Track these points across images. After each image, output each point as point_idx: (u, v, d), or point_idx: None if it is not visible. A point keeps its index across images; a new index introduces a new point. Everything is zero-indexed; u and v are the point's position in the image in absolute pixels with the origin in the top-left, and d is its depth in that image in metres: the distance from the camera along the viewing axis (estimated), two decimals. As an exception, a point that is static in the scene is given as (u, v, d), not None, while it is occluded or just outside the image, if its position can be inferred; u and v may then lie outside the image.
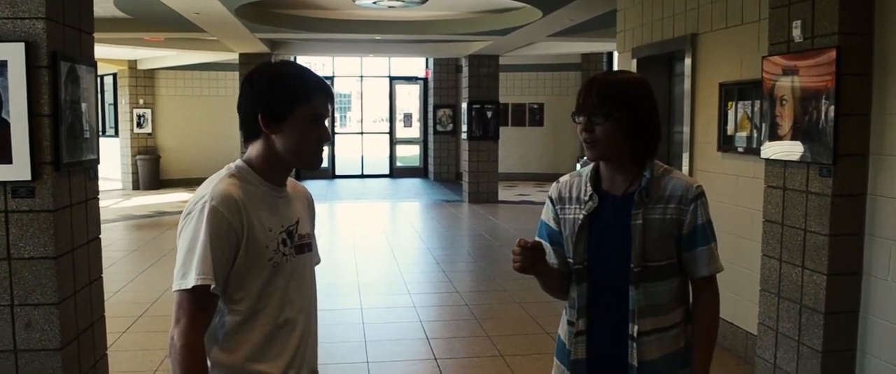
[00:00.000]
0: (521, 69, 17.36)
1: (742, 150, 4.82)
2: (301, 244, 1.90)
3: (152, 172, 15.88)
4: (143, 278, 7.36)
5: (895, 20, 3.45)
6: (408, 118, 19.73)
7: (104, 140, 14.48)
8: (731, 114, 4.94)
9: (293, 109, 1.80)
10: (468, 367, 4.86)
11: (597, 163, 2.08)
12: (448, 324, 5.87)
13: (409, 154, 19.81)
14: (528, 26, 9.96)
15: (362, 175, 18.91)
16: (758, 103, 4.48)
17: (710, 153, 5.21)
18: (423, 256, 8.91)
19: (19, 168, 2.97)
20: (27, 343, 3.06)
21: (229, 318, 1.79)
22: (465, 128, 14.03)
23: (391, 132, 19.23)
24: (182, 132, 16.38)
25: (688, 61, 5.45)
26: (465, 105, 14.04)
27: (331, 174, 18.47)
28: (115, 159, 15.84)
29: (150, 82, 16.14)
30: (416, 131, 19.57)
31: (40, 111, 3.00)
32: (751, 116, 4.72)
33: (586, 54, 16.47)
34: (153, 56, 14.99)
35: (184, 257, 1.72)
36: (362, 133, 19.77)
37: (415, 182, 17.87)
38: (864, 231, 3.64)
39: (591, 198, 2.04)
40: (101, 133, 11.85)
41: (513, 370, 4.74)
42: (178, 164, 16.37)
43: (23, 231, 3.01)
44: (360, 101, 20.74)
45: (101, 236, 3.59)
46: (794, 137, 3.84)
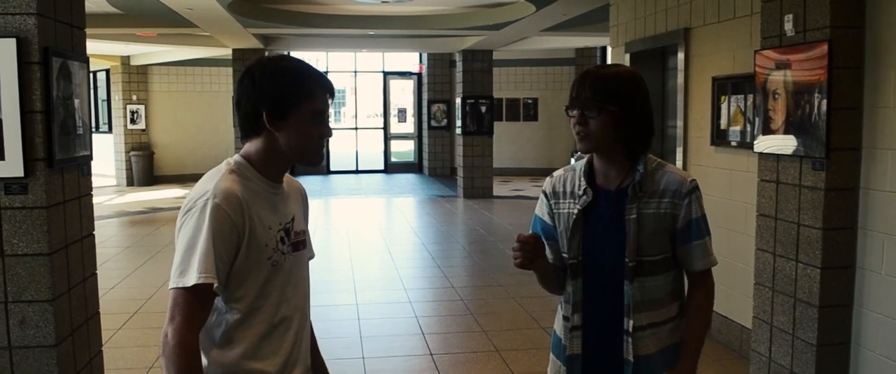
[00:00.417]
0: (514, 64, 17.35)
1: (735, 144, 4.83)
2: (297, 242, 1.90)
3: (146, 168, 15.85)
4: (138, 275, 7.34)
5: (886, 13, 3.46)
6: (402, 113, 19.72)
7: (97, 136, 14.46)
8: (724, 108, 4.96)
9: (297, 105, 1.78)
10: (464, 362, 4.87)
11: (591, 157, 2.08)
12: (444, 319, 5.88)
13: (404, 149, 19.80)
14: (522, 21, 9.96)
15: (357, 171, 18.91)
16: (751, 97, 4.49)
17: (704, 148, 5.23)
18: (418, 251, 8.91)
19: (12, 165, 2.96)
20: (21, 340, 3.05)
21: (228, 316, 1.78)
22: (459, 123, 14.02)
23: (385, 127, 19.22)
24: (176, 128, 16.34)
25: (681, 56, 5.46)
26: (459, 100, 14.03)
27: (325, 170, 18.44)
28: (108, 156, 15.80)
29: (143, 78, 16.09)
30: (410, 127, 19.56)
31: (32, 107, 2.99)
32: (744, 110, 4.73)
33: (580, 49, 16.48)
34: (146, 52, 14.94)
35: (183, 254, 1.68)
36: (357, 129, 19.76)
37: (409, 177, 17.86)
38: (857, 225, 3.65)
39: (584, 192, 2.05)
40: (94, 129, 11.83)
41: (508, 365, 4.75)
42: (171, 160, 16.33)
43: (16, 228, 3.00)
44: (354, 96, 20.74)
45: (94, 233, 3.59)
46: (786, 130, 3.84)
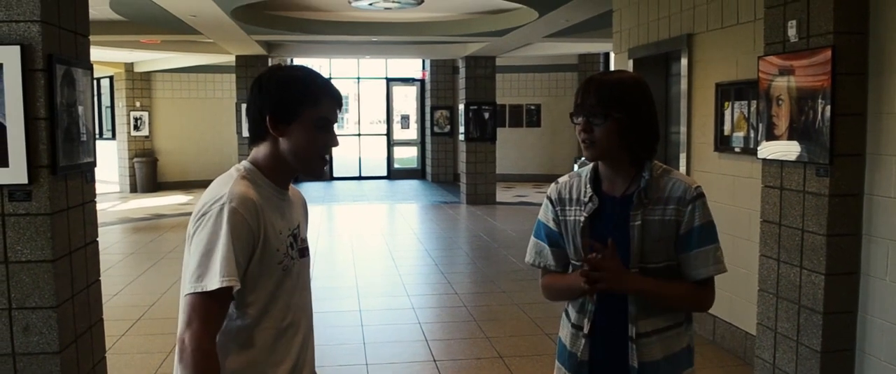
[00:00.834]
0: (517, 70, 17.36)
1: (739, 150, 4.83)
2: (303, 248, 1.92)
3: (149, 174, 15.87)
4: (141, 281, 7.34)
5: (890, 19, 3.45)
6: (405, 120, 19.73)
7: (101, 143, 14.47)
8: (727, 114, 4.95)
9: (301, 111, 1.78)
10: (467, 369, 4.85)
11: (596, 164, 2.07)
12: (447, 326, 5.86)
13: (407, 156, 19.81)
14: (525, 27, 9.97)
15: (360, 177, 18.91)
16: (754, 103, 4.49)
17: (707, 154, 5.22)
18: (421, 257, 8.90)
19: (16, 172, 2.97)
20: (25, 347, 3.05)
21: (238, 321, 1.78)
22: (462, 129, 14.03)
23: (389, 134, 19.24)
24: (179, 135, 16.36)
25: (684, 62, 5.46)
26: (462, 106, 14.04)
27: (328, 176, 18.46)
28: (112, 162, 15.82)
29: (146, 85, 16.12)
30: (413, 133, 19.57)
31: (36, 114, 2.99)
32: (747, 116, 4.72)
33: (583, 55, 16.49)
34: (150, 58, 14.98)
35: (200, 259, 1.67)
36: (360, 135, 19.76)
37: (412, 184, 17.87)
38: (861, 231, 3.64)
39: (590, 199, 2.04)
40: (98, 136, 11.84)
41: (512, 372, 4.73)
42: (175, 166, 16.35)
43: (20, 235, 3.01)
44: (358, 103, 20.73)
45: (98, 239, 3.59)
46: (790, 137, 3.84)
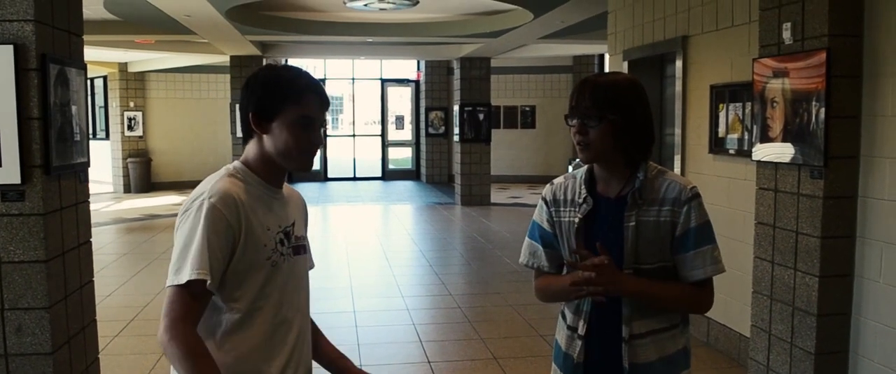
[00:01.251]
0: (512, 71, 17.37)
1: (733, 152, 4.83)
2: (297, 246, 1.92)
3: (143, 175, 15.82)
4: (135, 282, 7.32)
5: (885, 22, 3.47)
6: (400, 121, 19.72)
7: (95, 143, 14.43)
8: (722, 116, 4.96)
9: (282, 108, 1.79)
10: (461, 370, 4.85)
11: (591, 165, 2.07)
12: (441, 327, 5.86)
13: (402, 157, 19.79)
14: (520, 28, 9.98)
15: (354, 178, 18.89)
16: (749, 105, 4.50)
17: (702, 155, 5.23)
18: (415, 258, 8.89)
19: (9, 171, 2.95)
20: (18, 348, 3.04)
21: (227, 316, 1.78)
22: (457, 130, 14.04)
23: (383, 135, 19.22)
24: (173, 135, 16.32)
25: (679, 63, 5.47)
26: (456, 107, 14.05)
27: (323, 177, 18.44)
28: (105, 162, 15.77)
29: (140, 85, 16.08)
30: (408, 134, 19.56)
31: (30, 114, 2.98)
32: (742, 118, 4.73)
33: (578, 57, 16.52)
34: (144, 58, 14.94)
35: (179, 254, 1.71)
36: (354, 136, 19.75)
37: (407, 185, 17.86)
38: (855, 233, 3.65)
39: (585, 201, 2.04)
40: (91, 136, 11.81)
41: (506, 373, 4.73)
42: (169, 166, 16.30)
43: (13, 235, 2.99)
44: (352, 103, 20.72)
45: (91, 240, 3.57)
46: (784, 139, 3.85)
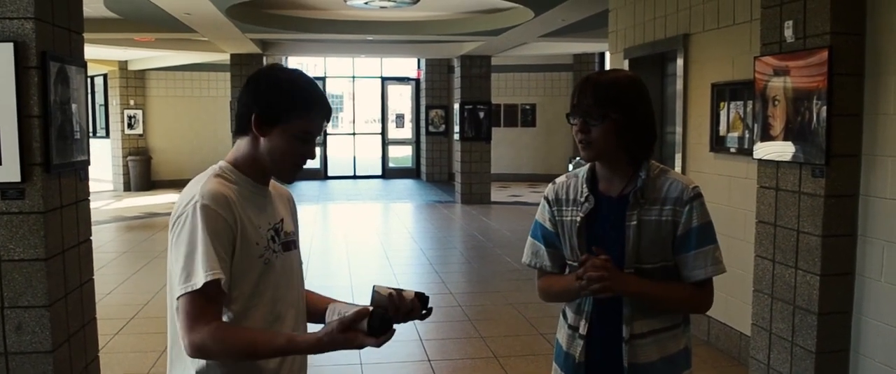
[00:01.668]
0: (512, 70, 17.35)
1: (734, 150, 4.83)
2: (288, 241, 1.91)
3: (143, 173, 15.81)
4: (135, 280, 7.31)
5: (887, 20, 3.46)
6: (400, 119, 19.71)
7: (95, 141, 14.43)
8: (723, 114, 4.95)
9: (287, 118, 1.78)
10: (462, 368, 4.85)
11: (593, 164, 2.06)
12: (441, 325, 5.86)
13: (402, 155, 19.78)
14: (521, 27, 9.96)
15: (354, 176, 18.88)
16: (750, 104, 4.49)
17: (703, 154, 5.22)
18: (416, 257, 8.89)
19: (9, 169, 2.95)
20: (18, 346, 3.03)
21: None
22: (457, 129, 14.03)
23: (383, 133, 19.20)
24: (173, 133, 16.31)
25: (680, 62, 5.46)
26: (457, 106, 14.04)
27: (323, 175, 18.43)
28: (105, 160, 15.76)
29: (140, 83, 16.07)
30: (408, 132, 19.54)
31: (30, 112, 2.98)
32: (743, 116, 4.72)
33: (578, 55, 16.50)
34: (144, 57, 14.93)
35: (185, 259, 1.67)
36: (354, 134, 19.75)
37: (407, 183, 17.85)
38: (856, 232, 3.64)
39: (586, 200, 2.03)
40: (91, 134, 11.81)
41: (506, 372, 4.73)
42: (169, 165, 16.29)
43: (13, 233, 2.99)
44: (353, 101, 20.72)
45: (92, 238, 3.57)
46: (786, 137, 3.84)
